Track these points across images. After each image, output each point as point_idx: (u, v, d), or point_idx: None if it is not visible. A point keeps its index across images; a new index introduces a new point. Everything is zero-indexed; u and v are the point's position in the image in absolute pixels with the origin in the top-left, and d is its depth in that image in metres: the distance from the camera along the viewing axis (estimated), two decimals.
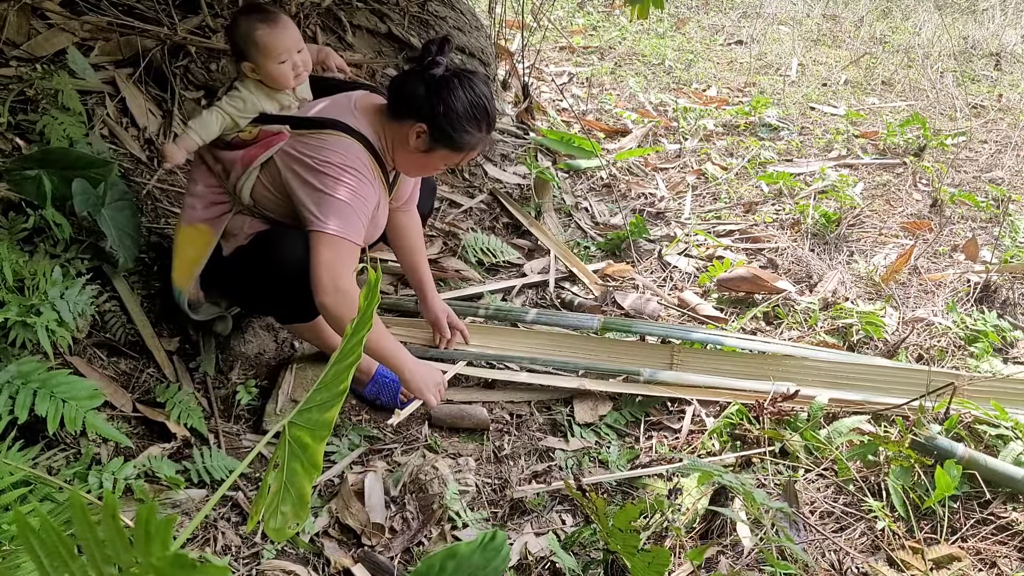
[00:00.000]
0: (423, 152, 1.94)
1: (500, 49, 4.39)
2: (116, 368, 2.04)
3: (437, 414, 2.20)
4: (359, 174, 1.89)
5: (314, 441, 0.84)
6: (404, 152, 1.97)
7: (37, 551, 0.61)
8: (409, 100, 1.90)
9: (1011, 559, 1.74)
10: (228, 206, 2.00)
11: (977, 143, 4.35)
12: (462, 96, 1.87)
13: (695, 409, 2.23)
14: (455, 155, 1.97)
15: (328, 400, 0.85)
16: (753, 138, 4.33)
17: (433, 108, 1.86)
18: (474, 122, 1.90)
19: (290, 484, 0.86)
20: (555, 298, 2.82)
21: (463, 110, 1.87)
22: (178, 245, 2.01)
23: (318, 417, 0.85)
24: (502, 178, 3.46)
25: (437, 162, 2.00)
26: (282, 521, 0.87)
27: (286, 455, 0.86)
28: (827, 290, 2.80)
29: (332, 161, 1.86)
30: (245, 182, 1.94)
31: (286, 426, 0.87)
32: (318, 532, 1.82)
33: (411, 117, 1.90)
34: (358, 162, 1.89)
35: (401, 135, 1.94)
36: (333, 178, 1.86)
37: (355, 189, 1.87)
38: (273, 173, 1.92)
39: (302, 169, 1.87)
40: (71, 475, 1.66)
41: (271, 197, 1.96)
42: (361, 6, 3.45)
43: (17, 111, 2.26)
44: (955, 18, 7.12)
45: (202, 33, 2.88)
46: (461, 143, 1.92)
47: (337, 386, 0.84)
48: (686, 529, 1.80)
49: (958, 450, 1.89)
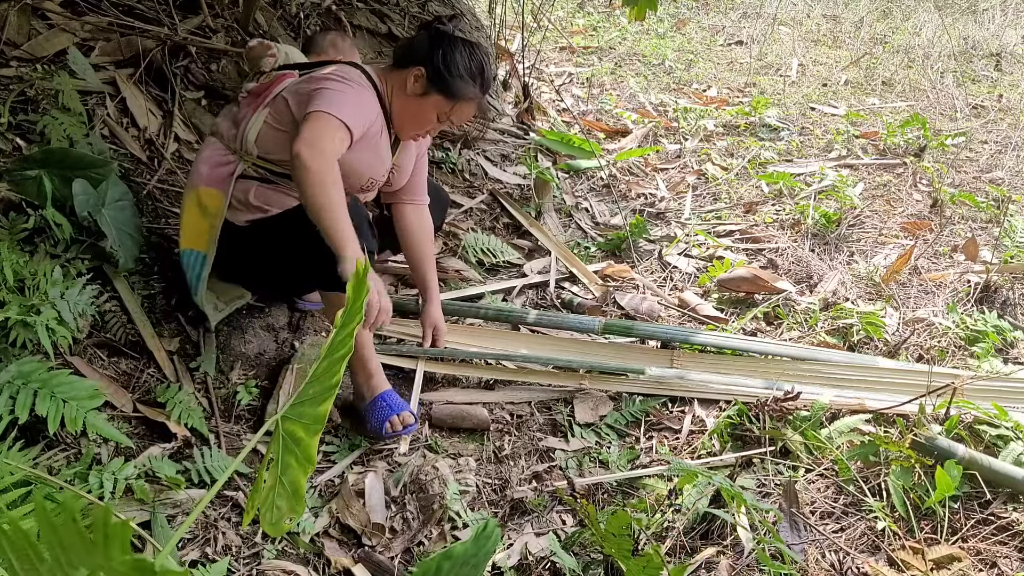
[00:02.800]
0: (418, 96, 2.02)
1: (500, 49, 4.39)
2: (116, 368, 2.04)
3: (438, 414, 2.20)
4: (361, 88, 1.97)
5: (308, 435, 0.84)
6: (401, 97, 2.05)
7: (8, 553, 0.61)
8: (413, 49, 2.03)
9: (1011, 559, 1.74)
10: (233, 166, 2.01)
11: (977, 143, 4.35)
12: (462, 50, 2.00)
13: (695, 409, 2.23)
14: (448, 103, 2.03)
15: (320, 394, 0.84)
16: (753, 138, 4.33)
17: (432, 53, 1.98)
18: (470, 73, 2.01)
19: (284, 478, 0.86)
20: (555, 298, 2.82)
21: (461, 58, 2.00)
22: (185, 211, 2.03)
23: (311, 411, 0.85)
24: (502, 178, 3.46)
25: (429, 110, 2.05)
26: (277, 515, 0.87)
27: (280, 449, 0.86)
28: (827, 290, 2.80)
29: (334, 77, 1.96)
30: (253, 125, 1.99)
31: (279, 420, 0.87)
32: (318, 532, 1.82)
33: (411, 63, 2.02)
34: (361, 83, 1.99)
35: (400, 80, 2.04)
36: (333, 87, 1.93)
37: (354, 95, 1.94)
38: (279, 107, 1.98)
39: (306, 85, 1.96)
40: (71, 475, 1.66)
41: (276, 135, 1.97)
42: (361, 6, 3.45)
43: (18, 111, 2.26)
44: (955, 18, 7.12)
45: (202, 33, 2.88)
46: (455, 90, 2.01)
47: (329, 379, 0.84)
48: (686, 530, 1.80)
49: (958, 450, 1.89)
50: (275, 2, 3.24)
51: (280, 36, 3.09)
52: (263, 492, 0.88)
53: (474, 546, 0.83)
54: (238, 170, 2.00)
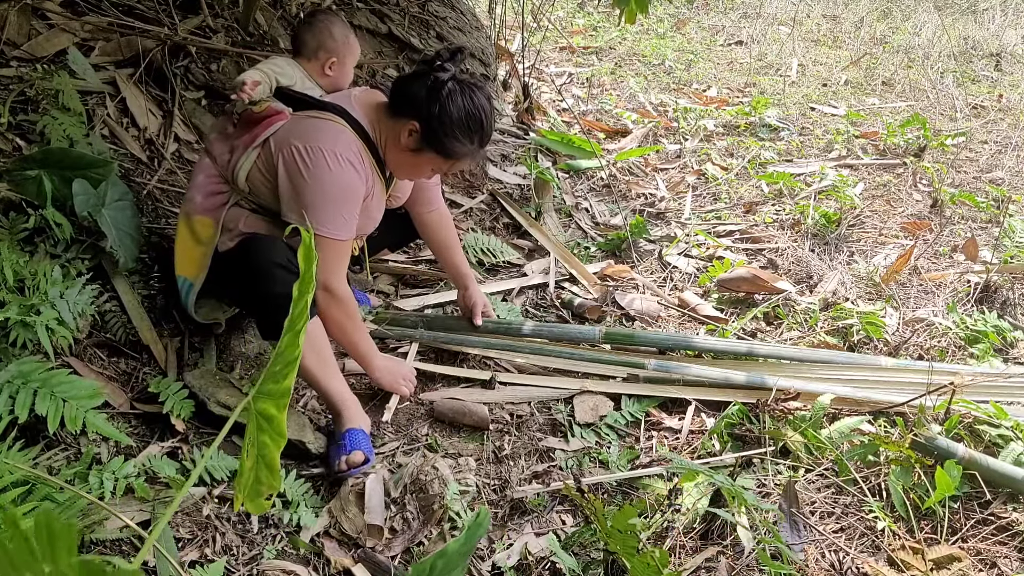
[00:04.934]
0: (412, 152, 1.94)
1: (500, 49, 4.39)
2: (116, 368, 2.04)
3: (440, 408, 2.20)
4: (349, 164, 1.89)
5: (278, 411, 0.89)
6: (395, 150, 1.97)
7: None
8: (409, 98, 1.90)
9: (1011, 559, 1.74)
10: (226, 196, 2.00)
11: (977, 143, 4.35)
12: (460, 104, 1.86)
13: (695, 409, 2.23)
14: (443, 162, 1.96)
15: (283, 369, 0.89)
16: (753, 138, 4.33)
17: (429, 109, 1.86)
18: (467, 132, 1.89)
19: (262, 457, 0.91)
20: (555, 298, 2.82)
21: (458, 118, 1.86)
22: (179, 237, 2.02)
23: (277, 387, 0.89)
24: (502, 178, 3.46)
25: (425, 166, 1.99)
26: (256, 492, 0.92)
27: (255, 430, 0.91)
28: (827, 290, 2.80)
29: (322, 148, 1.86)
30: (244, 163, 1.96)
31: (251, 401, 0.90)
32: (318, 532, 1.82)
33: (407, 115, 1.90)
34: (349, 151, 1.89)
35: (395, 132, 1.94)
36: (320, 168, 1.86)
37: (341, 181, 1.88)
38: (268, 155, 1.93)
39: (292, 153, 1.87)
40: (71, 475, 1.66)
41: (264, 182, 1.96)
42: (361, 6, 3.45)
43: (18, 111, 2.26)
44: (955, 18, 7.12)
45: (202, 33, 2.88)
46: (450, 150, 1.91)
47: (292, 354, 0.88)
48: (686, 529, 1.80)
49: (958, 450, 1.89)
50: (275, 2, 3.24)
51: (280, 36, 3.09)
52: (246, 475, 0.92)
53: (466, 537, 0.86)
54: (231, 201, 2.00)
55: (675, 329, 2.67)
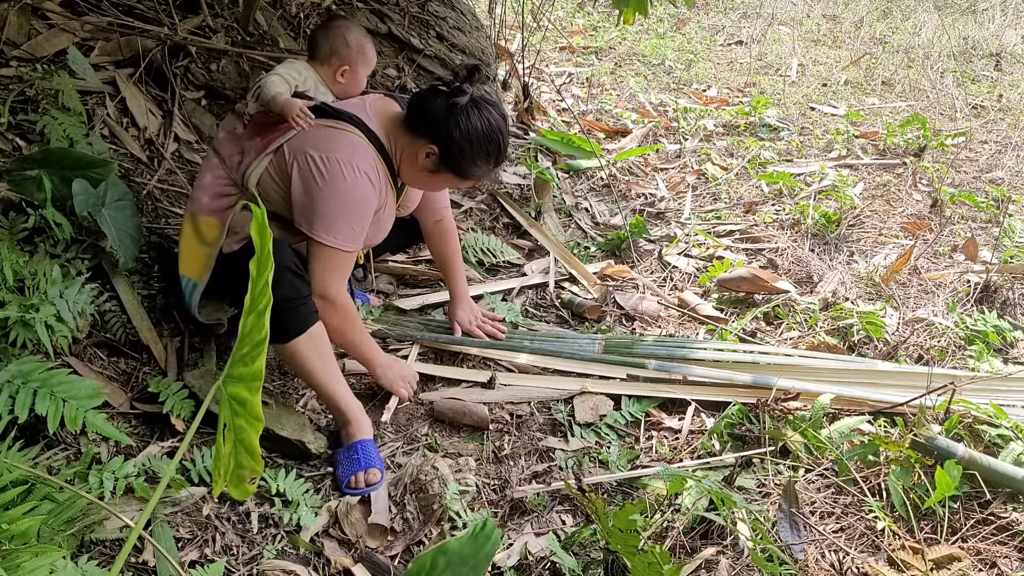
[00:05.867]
0: (430, 172, 1.99)
1: (500, 49, 4.39)
2: (116, 368, 2.04)
3: (440, 408, 2.20)
4: (364, 176, 1.91)
5: (251, 393, 0.88)
6: (412, 167, 2.01)
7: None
8: (427, 118, 1.93)
9: (1011, 559, 1.74)
10: (234, 199, 2.00)
11: (977, 143, 4.35)
12: (478, 127, 1.90)
13: (695, 409, 2.23)
14: (460, 181, 2.04)
15: (251, 352, 0.88)
16: (753, 138, 4.33)
17: (448, 133, 1.90)
18: (484, 155, 1.94)
19: (240, 442, 0.90)
20: (555, 299, 2.82)
21: (476, 141, 1.91)
22: (184, 237, 2.02)
23: (247, 369, 0.88)
24: (502, 178, 3.46)
25: (441, 183, 2.08)
26: (239, 477, 0.92)
27: (230, 414, 0.90)
28: (827, 290, 2.80)
29: (339, 158, 1.88)
30: (256, 168, 1.95)
31: (222, 386, 0.90)
32: (318, 532, 1.82)
33: (424, 136, 1.94)
34: (365, 163, 1.92)
35: (412, 150, 1.98)
36: (336, 178, 1.87)
37: (356, 192, 1.89)
38: (281, 162, 1.94)
39: (308, 162, 1.89)
40: (71, 475, 1.66)
41: (275, 188, 1.96)
42: (361, 6, 3.45)
43: (17, 111, 2.26)
44: (955, 18, 7.12)
45: (202, 33, 2.88)
46: (468, 172, 1.98)
47: (257, 335, 0.87)
48: (686, 529, 1.80)
49: (958, 450, 1.89)
50: (275, 2, 3.24)
51: (280, 36, 3.09)
52: (224, 460, 0.92)
53: (471, 545, 0.84)
54: (238, 204, 2.00)
55: (675, 329, 2.67)
